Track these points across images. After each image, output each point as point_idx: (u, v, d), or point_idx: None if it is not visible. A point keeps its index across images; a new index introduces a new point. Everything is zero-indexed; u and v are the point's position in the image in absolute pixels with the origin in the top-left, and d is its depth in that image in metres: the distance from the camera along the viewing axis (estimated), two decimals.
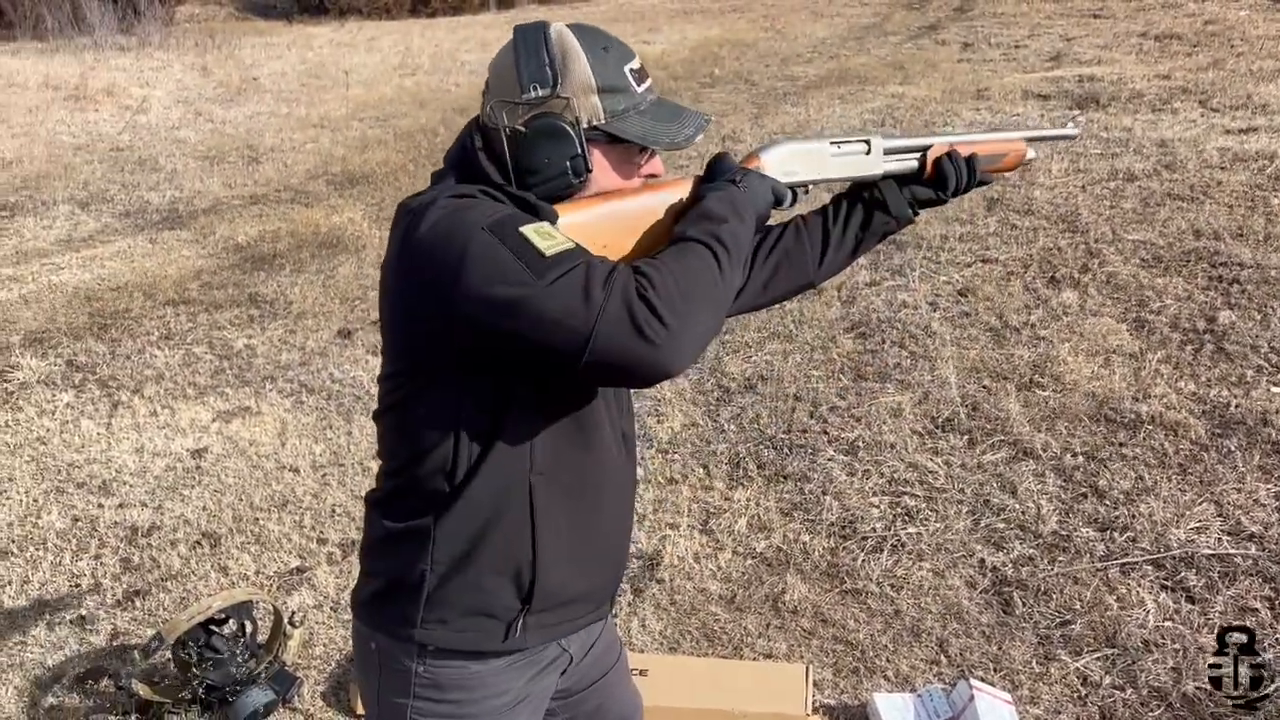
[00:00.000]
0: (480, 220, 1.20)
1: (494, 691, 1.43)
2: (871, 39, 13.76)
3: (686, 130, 1.33)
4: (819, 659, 2.66)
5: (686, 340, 1.16)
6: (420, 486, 1.34)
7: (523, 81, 1.28)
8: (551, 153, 1.28)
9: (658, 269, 1.18)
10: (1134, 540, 2.98)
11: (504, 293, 1.15)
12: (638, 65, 1.34)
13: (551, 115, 1.28)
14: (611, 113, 1.29)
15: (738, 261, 1.27)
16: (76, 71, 12.70)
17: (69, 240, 6.81)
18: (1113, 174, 6.37)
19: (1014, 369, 4.06)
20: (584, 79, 1.28)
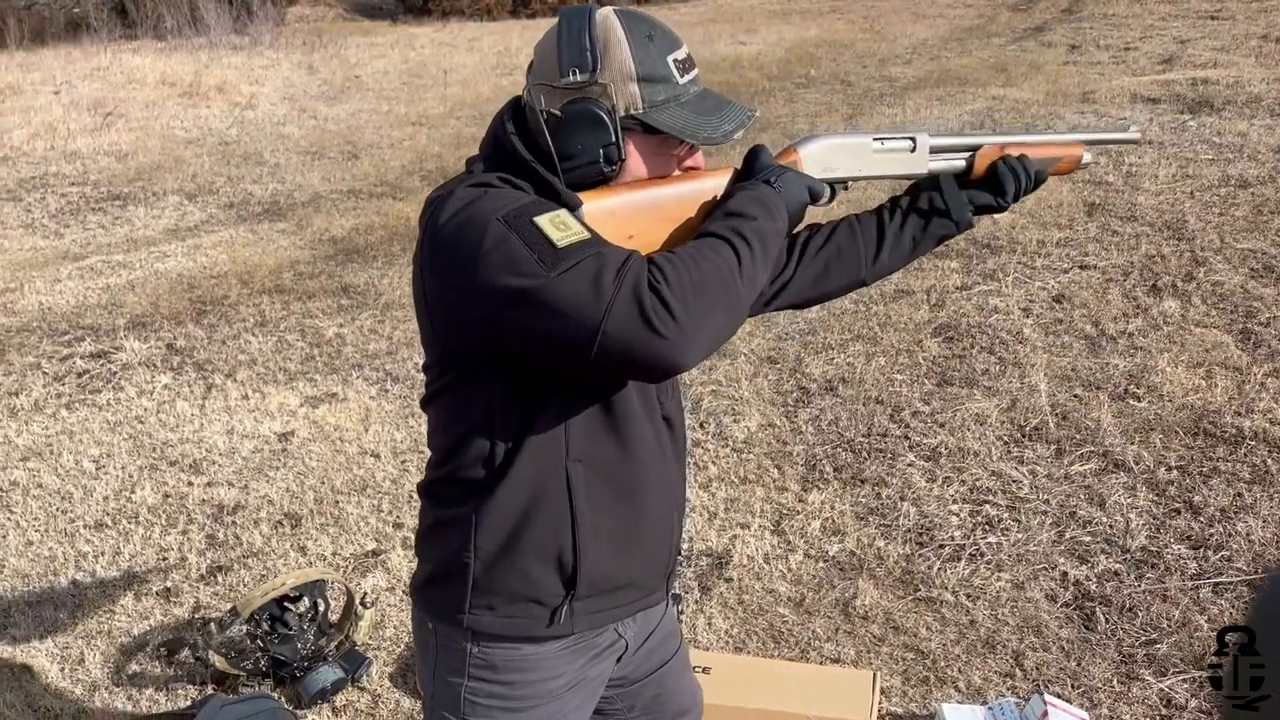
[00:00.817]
0: (495, 210, 1.19)
1: (548, 674, 1.43)
2: (974, 40, 13.45)
3: (726, 126, 1.30)
4: (888, 666, 2.60)
5: (696, 335, 1.15)
6: (461, 475, 1.35)
7: (563, 65, 1.26)
8: (585, 139, 1.27)
9: (672, 262, 1.17)
10: (1229, 559, 2.83)
11: (515, 283, 1.15)
12: (683, 55, 1.31)
13: (588, 101, 1.26)
14: (650, 102, 1.27)
15: (762, 259, 1.25)
16: (191, 69, 13.22)
17: (176, 230, 7.08)
18: (1224, 180, 6.10)
19: (1108, 378, 3.91)
20: (624, 66, 1.26)
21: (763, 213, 1.28)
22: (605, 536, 1.37)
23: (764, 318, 4.78)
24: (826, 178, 1.44)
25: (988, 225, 5.71)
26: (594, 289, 1.13)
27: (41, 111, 10.92)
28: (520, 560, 1.35)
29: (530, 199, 1.23)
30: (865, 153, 1.47)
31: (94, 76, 13.04)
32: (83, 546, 3.33)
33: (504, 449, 1.31)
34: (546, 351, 1.20)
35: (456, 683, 1.42)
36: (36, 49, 15.72)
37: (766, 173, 1.35)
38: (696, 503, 3.40)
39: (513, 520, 1.33)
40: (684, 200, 1.33)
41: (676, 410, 1.49)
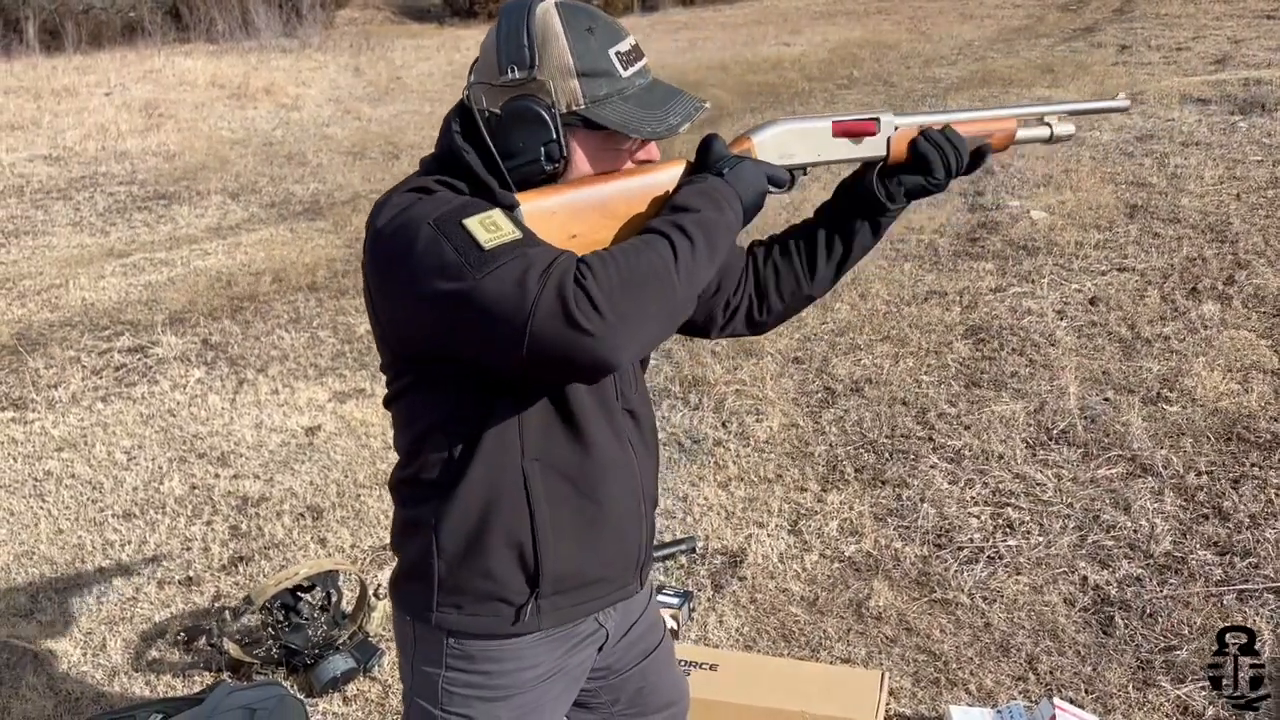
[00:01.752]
0: (428, 215, 1.19)
1: (525, 664, 1.43)
2: (1022, 41, 13.26)
3: (672, 119, 1.27)
4: (898, 667, 2.56)
5: (624, 332, 1.13)
6: (423, 477, 1.36)
7: (501, 63, 1.25)
8: (526, 137, 1.25)
9: (602, 259, 1.15)
10: (1256, 566, 2.76)
11: (445, 286, 1.15)
12: (627, 47, 1.27)
13: (527, 98, 1.24)
14: (592, 98, 1.24)
15: (705, 253, 1.22)
16: (241, 71, 13.47)
17: (218, 228, 7.21)
18: (1273, 182, 5.96)
19: (1141, 382, 3.83)
20: (563, 61, 1.23)
21: (708, 205, 1.25)
22: (567, 533, 1.37)
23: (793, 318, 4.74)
24: (786, 164, 1.40)
25: (1026, 227, 5.63)
26: (519, 289, 1.11)
27: (94, 113, 11.19)
28: (483, 560, 1.35)
29: (464, 201, 1.22)
30: (824, 137, 1.42)
31: (147, 79, 13.33)
32: (110, 535, 3.40)
33: (460, 450, 1.32)
34: (482, 353, 1.20)
35: (434, 673, 1.43)
36: (93, 52, 16.10)
37: (719, 164, 1.32)
38: (715, 501, 3.39)
39: (472, 521, 1.34)
40: (632, 196, 1.30)
41: (642, 402, 1.48)
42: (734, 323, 1.57)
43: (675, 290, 1.18)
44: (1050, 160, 6.84)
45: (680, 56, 14.70)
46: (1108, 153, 6.93)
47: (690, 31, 18.37)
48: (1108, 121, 7.83)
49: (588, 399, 1.36)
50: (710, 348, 4.51)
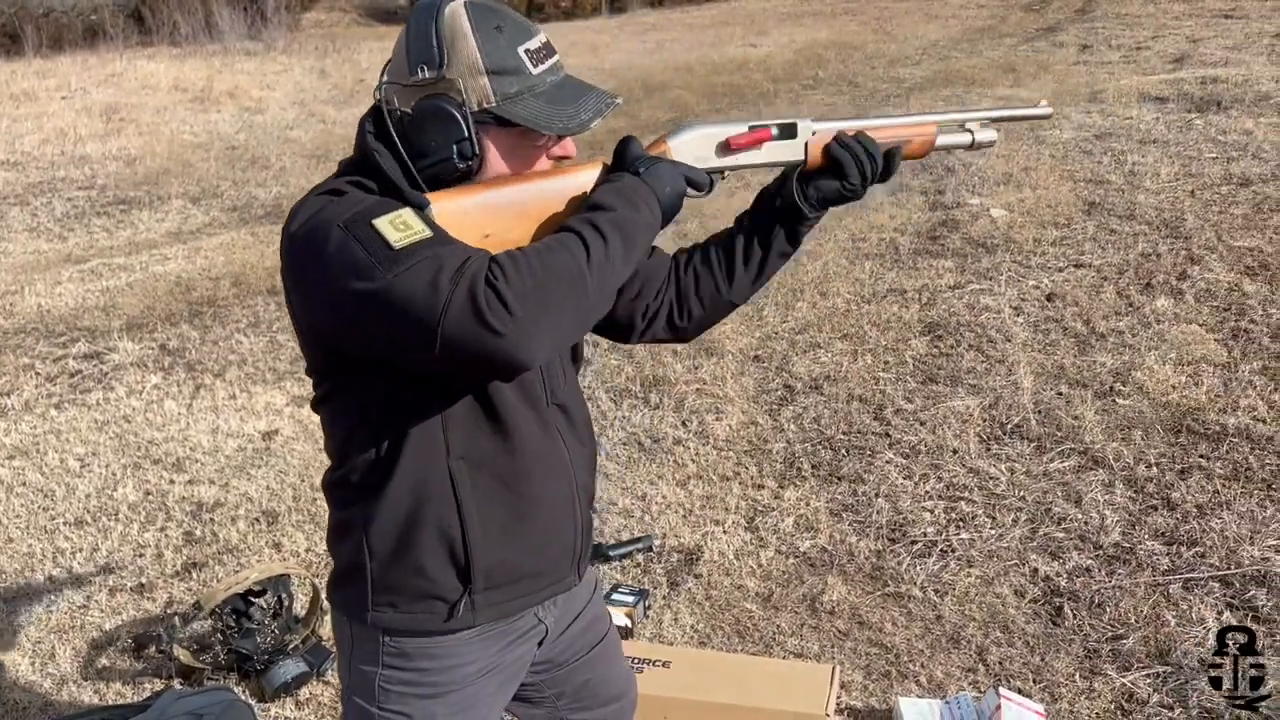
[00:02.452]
0: (338, 216, 1.19)
1: (462, 660, 1.43)
2: (985, 41, 13.37)
3: (583, 115, 1.28)
4: (850, 660, 2.58)
5: (536, 331, 1.13)
6: (352, 478, 1.36)
7: (411, 62, 1.25)
8: (438, 136, 1.25)
9: (514, 258, 1.15)
10: (1202, 556, 2.80)
11: (357, 287, 1.15)
12: (536, 45, 1.28)
13: (438, 97, 1.24)
14: (503, 95, 1.25)
15: (620, 252, 1.22)
16: (204, 75, 13.35)
17: (178, 233, 7.14)
18: (1226, 178, 6.04)
19: (1094, 376, 3.87)
20: (472, 60, 1.24)
21: (624, 204, 1.25)
22: (497, 529, 1.37)
23: (754, 316, 4.78)
24: (705, 167, 1.40)
25: (985, 225, 5.67)
26: (431, 289, 1.12)
27: (54, 117, 11.06)
28: (414, 558, 1.35)
29: (374, 201, 1.22)
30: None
31: (108, 82, 13.19)
32: (61, 543, 3.36)
33: (386, 450, 1.32)
34: (395, 353, 1.20)
35: (370, 671, 1.43)
36: (54, 56, 15.91)
37: (636, 163, 1.33)
38: (673, 500, 3.39)
39: (401, 521, 1.34)
40: (547, 196, 1.30)
41: (574, 396, 1.48)
42: (654, 327, 1.57)
43: (588, 289, 1.18)
44: (1011, 159, 6.91)
45: (648, 58, 14.73)
46: (1067, 151, 7.00)
47: (658, 33, 18.41)
48: (1068, 120, 7.92)
49: (513, 396, 1.36)
50: (671, 347, 4.52)
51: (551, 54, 1.31)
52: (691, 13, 21.32)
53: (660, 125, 9.72)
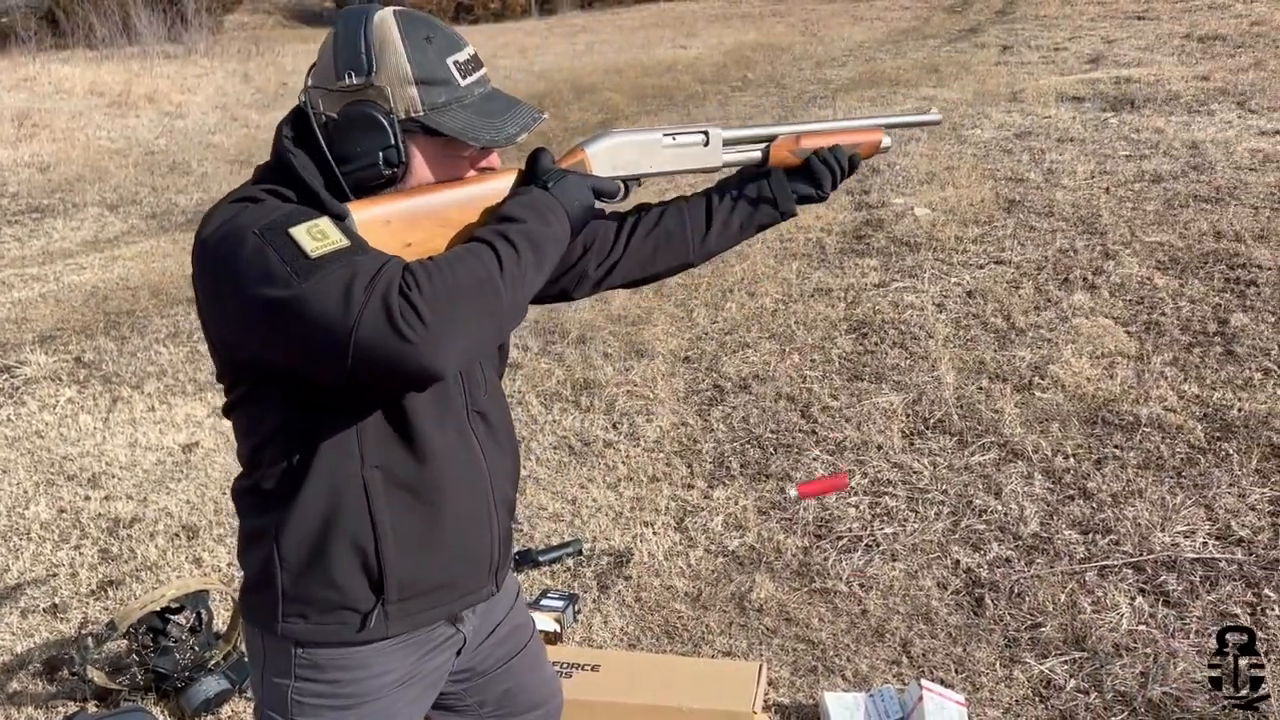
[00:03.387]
0: (252, 223, 1.19)
1: (376, 671, 1.41)
2: (909, 43, 13.61)
3: (509, 129, 1.28)
4: (778, 657, 2.60)
5: (448, 341, 1.14)
6: (263, 487, 1.35)
7: (338, 68, 1.25)
8: (363, 142, 1.25)
9: (427, 268, 1.16)
10: (1116, 543, 2.87)
11: (270, 294, 1.15)
12: (465, 57, 1.29)
13: (365, 104, 1.25)
14: (430, 105, 1.25)
15: (531, 263, 1.24)
16: (122, 79, 13.02)
17: (95, 241, 6.95)
18: (1139, 175, 6.22)
19: (1014, 370, 3.95)
20: (400, 69, 1.24)
21: (533, 216, 1.27)
22: (411, 540, 1.36)
23: (683, 318, 4.80)
24: (621, 175, 1.43)
25: (909, 224, 5.77)
26: (344, 298, 1.12)
27: None
28: (326, 570, 1.34)
29: (291, 209, 1.21)
30: (655, 149, 1.47)
31: (20, 87, 12.79)
32: None
33: (298, 459, 1.30)
34: (307, 362, 1.19)
35: (283, 684, 1.41)
36: None
37: (545, 177, 1.35)
38: (604, 502, 3.39)
39: (314, 531, 1.33)
40: (466, 205, 1.31)
41: (495, 404, 1.48)
42: (610, 278, 1.58)
43: (500, 299, 1.20)
44: (934, 158, 7.03)
45: (577, 60, 14.72)
46: (988, 150, 7.15)
47: (587, 35, 18.40)
48: (988, 119, 8.09)
49: (429, 404, 1.35)
50: (602, 350, 4.52)
51: (479, 67, 1.32)
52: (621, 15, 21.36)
53: (590, 127, 9.72)
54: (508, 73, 13.86)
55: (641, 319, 4.84)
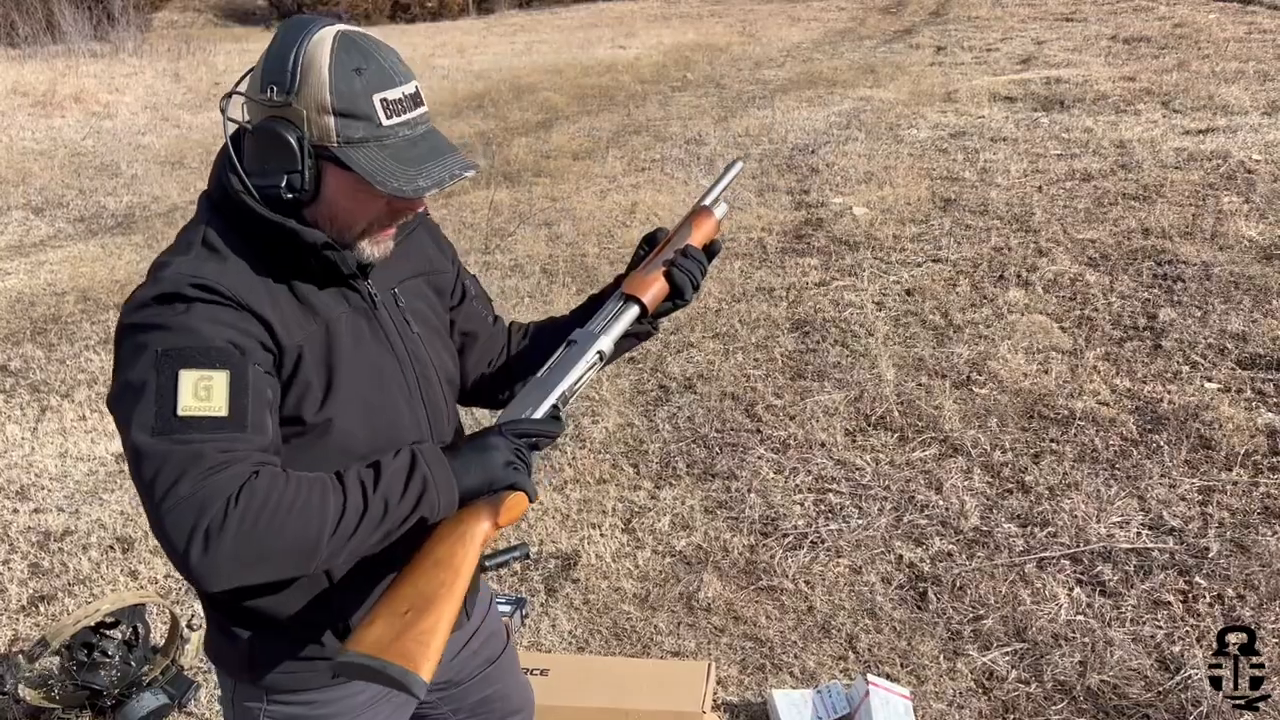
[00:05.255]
0: (161, 341, 1.15)
1: (350, 692, 1.41)
2: (846, 44, 13.76)
3: (422, 181, 1.20)
4: (726, 656, 2.61)
5: (230, 573, 1.11)
6: None
7: (264, 80, 1.21)
8: (271, 160, 1.21)
9: (263, 500, 1.12)
10: (1054, 535, 2.94)
11: (126, 418, 1.14)
12: (397, 96, 1.21)
13: (280, 121, 1.20)
14: (345, 138, 1.19)
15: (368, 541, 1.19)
16: (46, 78, 12.63)
17: (19, 246, 6.74)
18: (1070, 174, 6.36)
19: (952, 367, 4.02)
20: (319, 96, 1.18)
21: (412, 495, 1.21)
22: (370, 580, 1.35)
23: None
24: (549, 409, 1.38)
25: (848, 223, 5.83)
26: (170, 482, 1.10)
27: None
28: (291, 623, 1.33)
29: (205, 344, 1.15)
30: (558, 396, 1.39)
31: None
32: None
33: None
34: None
35: (255, 707, 1.40)
36: None
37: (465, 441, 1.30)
38: (551, 506, 3.38)
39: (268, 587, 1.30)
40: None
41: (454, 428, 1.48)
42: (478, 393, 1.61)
43: (310, 562, 1.16)
44: (871, 158, 7.13)
45: (516, 59, 14.64)
46: (924, 149, 7.27)
47: (526, 34, 18.32)
48: (923, 119, 8.22)
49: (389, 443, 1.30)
50: None
51: (415, 107, 1.24)
52: (560, 14, 21.29)
53: (530, 127, 9.67)
54: (446, 72, 13.74)
55: None
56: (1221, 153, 6.22)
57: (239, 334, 1.18)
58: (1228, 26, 10.78)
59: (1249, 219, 5.12)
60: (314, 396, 1.25)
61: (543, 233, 6.31)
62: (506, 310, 5.06)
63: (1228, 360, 3.80)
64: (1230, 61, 8.98)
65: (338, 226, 1.26)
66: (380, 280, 1.37)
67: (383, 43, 1.25)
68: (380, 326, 1.35)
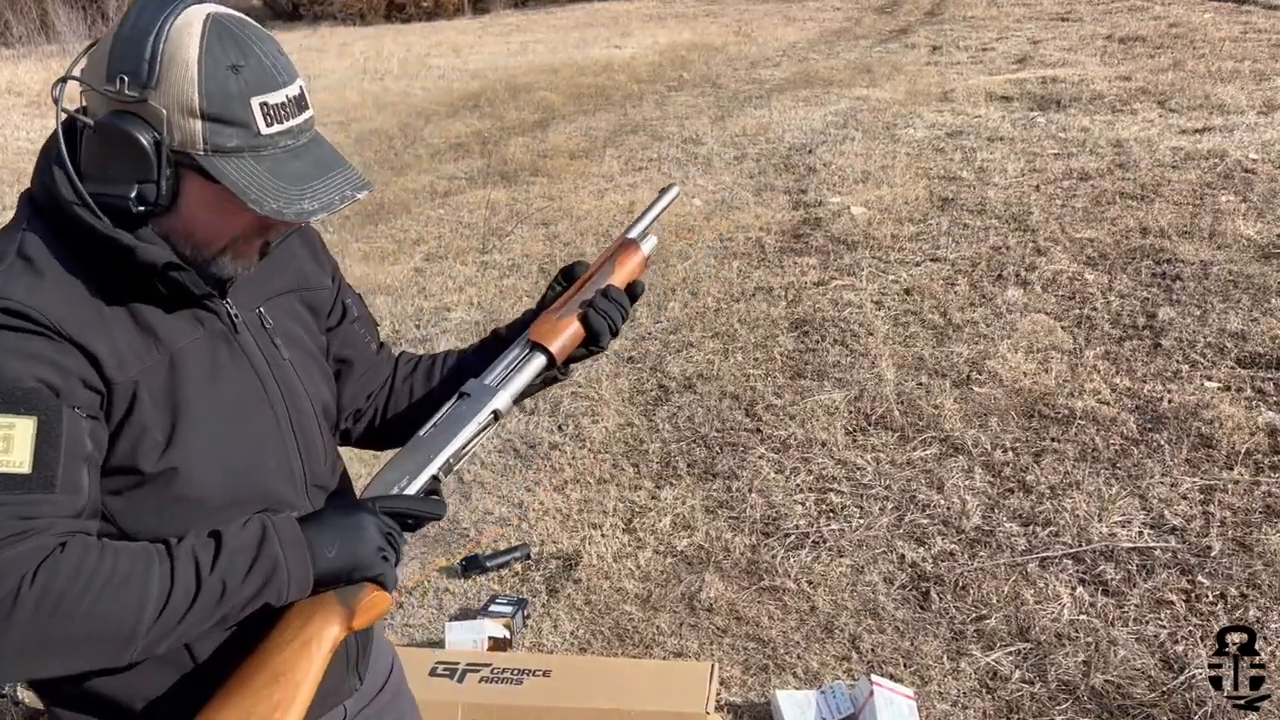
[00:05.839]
0: None
1: None
2: (841, 43, 13.76)
3: (306, 204, 1.03)
4: (729, 657, 2.61)
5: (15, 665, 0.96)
6: None
7: (111, 67, 1.01)
8: (117, 165, 1.02)
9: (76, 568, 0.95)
10: (1056, 535, 2.94)
11: None
12: (280, 99, 1.04)
13: (131, 120, 1.00)
14: (214, 146, 1.01)
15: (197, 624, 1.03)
16: (41, 78, 12.61)
17: None
18: (1067, 173, 6.37)
19: (952, 366, 4.02)
20: (184, 95, 1.00)
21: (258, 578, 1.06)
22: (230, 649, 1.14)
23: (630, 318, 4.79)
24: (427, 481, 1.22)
25: (846, 223, 5.83)
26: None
27: None
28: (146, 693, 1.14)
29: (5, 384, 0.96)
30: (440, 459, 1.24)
31: None
32: None
33: None
34: None
35: None
36: None
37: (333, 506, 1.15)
38: (551, 505, 3.37)
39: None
40: None
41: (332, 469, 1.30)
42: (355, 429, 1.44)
43: (124, 653, 0.99)
44: (868, 158, 7.13)
45: (512, 59, 14.63)
46: (921, 149, 7.27)
47: (522, 34, 18.30)
48: (920, 119, 8.22)
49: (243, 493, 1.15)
50: None
51: (299, 113, 1.06)
52: (555, 14, 21.28)
53: (527, 126, 9.66)
54: (442, 72, 13.73)
55: None
56: (1219, 152, 6.23)
57: (53, 370, 0.98)
58: (1223, 26, 10.79)
59: (1247, 218, 5.13)
60: (153, 441, 1.06)
61: (540, 232, 6.30)
62: (504, 309, 5.07)
63: (1227, 359, 3.80)
64: (1226, 61, 8.99)
65: (194, 242, 1.09)
66: (242, 298, 1.19)
67: (262, 30, 1.07)
68: (243, 351, 1.17)
